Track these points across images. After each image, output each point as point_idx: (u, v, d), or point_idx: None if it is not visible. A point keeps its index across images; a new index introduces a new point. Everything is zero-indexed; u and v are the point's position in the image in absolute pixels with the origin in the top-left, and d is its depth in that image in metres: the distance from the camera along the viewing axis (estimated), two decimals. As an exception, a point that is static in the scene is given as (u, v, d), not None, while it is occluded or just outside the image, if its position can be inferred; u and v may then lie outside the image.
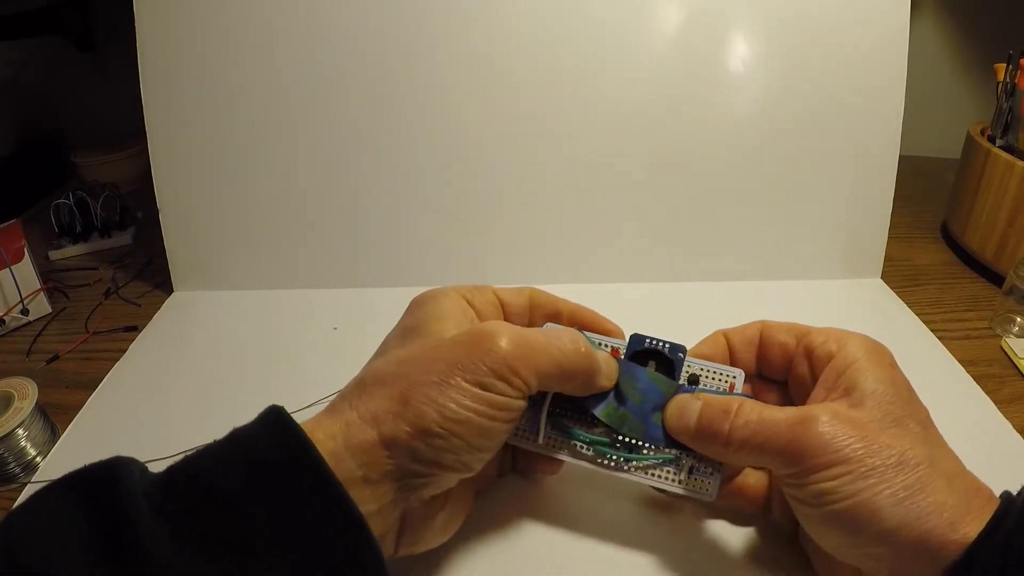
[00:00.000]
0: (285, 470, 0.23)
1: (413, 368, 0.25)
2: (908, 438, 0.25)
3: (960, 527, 0.23)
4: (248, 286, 0.54)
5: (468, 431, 0.25)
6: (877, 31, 0.51)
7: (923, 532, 0.23)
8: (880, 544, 0.23)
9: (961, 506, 0.23)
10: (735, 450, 0.27)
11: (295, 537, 0.22)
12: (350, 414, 0.25)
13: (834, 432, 0.24)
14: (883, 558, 0.24)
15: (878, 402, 0.26)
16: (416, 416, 0.24)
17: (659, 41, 0.51)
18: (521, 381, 0.26)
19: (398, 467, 0.24)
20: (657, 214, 0.53)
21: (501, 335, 0.26)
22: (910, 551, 0.23)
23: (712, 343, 0.32)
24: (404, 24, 0.51)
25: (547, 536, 0.32)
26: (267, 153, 0.52)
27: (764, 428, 0.26)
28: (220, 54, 0.51)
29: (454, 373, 0.25)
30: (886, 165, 0.52)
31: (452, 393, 0.24)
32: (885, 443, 0.24)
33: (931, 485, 0.23)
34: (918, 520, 0.23)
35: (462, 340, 0.26)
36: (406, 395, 0.24)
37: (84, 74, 0.84)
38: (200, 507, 0.22)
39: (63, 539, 0.21)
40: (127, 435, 0.40)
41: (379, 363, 0.27)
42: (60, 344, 0.50)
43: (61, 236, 0.64)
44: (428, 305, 0.30)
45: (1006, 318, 0.48)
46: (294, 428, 0.23)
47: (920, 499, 0.23)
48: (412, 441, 0.24)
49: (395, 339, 0.29)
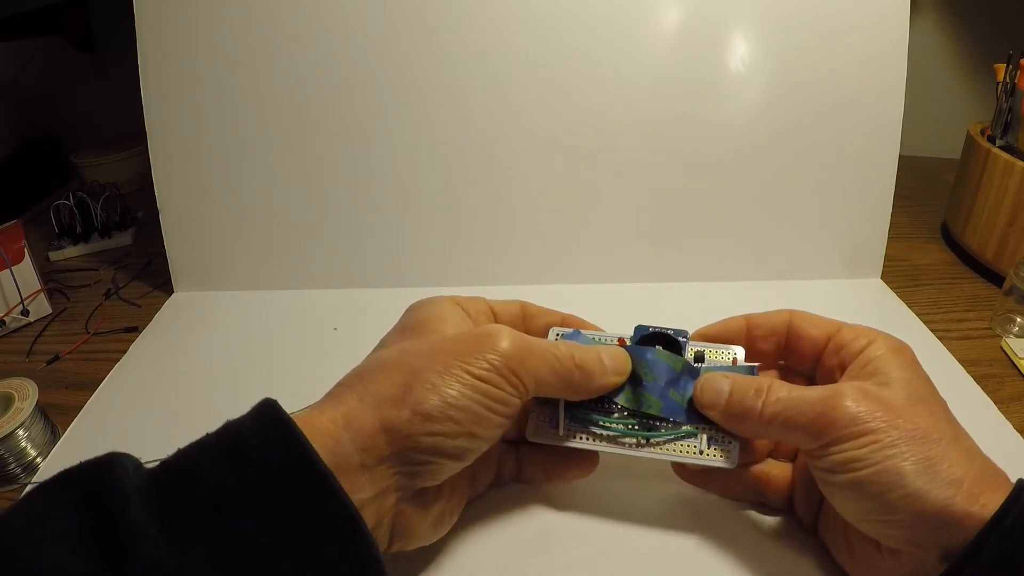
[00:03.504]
0: (278, 465, 0.23)
1: (416, 357, 0.26)
2: (931, 416, 0.26)
3: (979, 498, 0.23)
4: (248, 286, 0.54)
5: (467, 418, 0.26)
6: (877, 31, 0.51)
7: (944, 500, 0.23)
8: (902, 511, 0.24)
9: (980, 480, 0.24)
10: (765, 425, 0.27)
11: (289, 533, 0.22)
12: (351, 399, 0.25)
13: (861, 406, 0.25)
14: (903, 526, 0.24)
15: (903, 385, 0.27)
16: (417, 400, 0.25)
17: (659, 41, 0.51)
18: (519, 381, 0.27)
19: (397, 453, 0.25)
20: (656, 214, 0.53)
21: (503, 336, 0.27)
22: (930, 519, 0.24)
23: (725, 325, 0.33)
24: (404, 26, 0.51)
25: (562, 532, 0.32)
26: (267, 154, 0.52)
27: (794, 404, 0.27)
28: (220, 54, 0.51)
29: (456, 364, 0.26)
30: (886, 165, 0.52)
31: (453, 382, 0.25)
32: (910, 418, 0.25)
33: (952, 457, 0.24)
34: (940, 488, 0.24)
35: (465, 338, 0.27)
36: (409, 381, 0.25)
37: (84, 74, 0.84)
38: (193, 505, 0.22)
39: (57, 538, 0.21)
40: (127, 436, 0.40)
41: (382, 353, 0.28)
42: (60, 345, 0.50)
43: (61, 237, 0.64)
44: (427, 307, 0.31)
45: (1006, 318, 0.48)
46: (287, 422, 0.24)
47: (942, 468, 0.24)
48: (412, 426, 0.25)
49: (395, 336, 0.30)
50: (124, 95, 0.55)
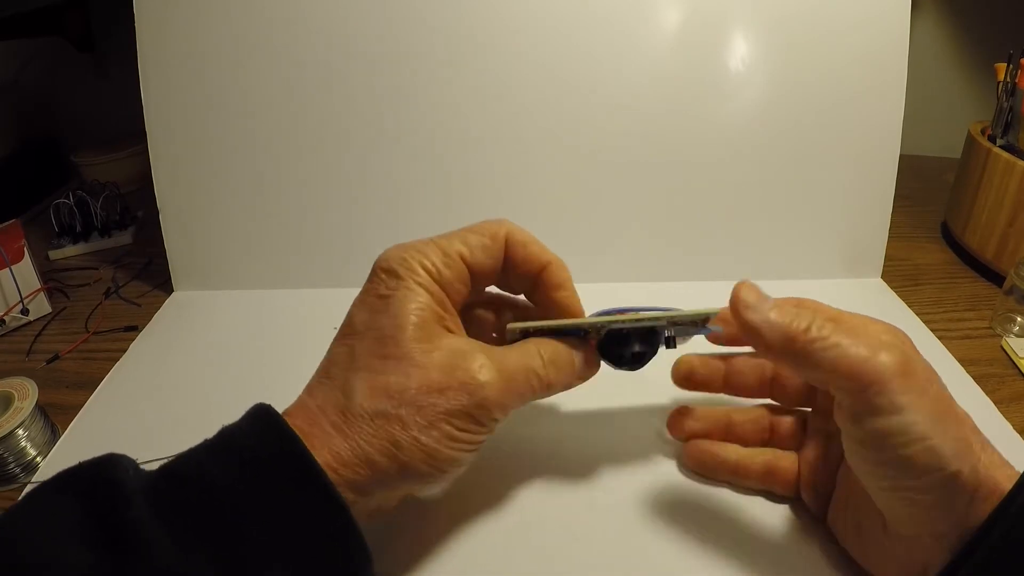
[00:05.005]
0: (276, 466, 0.24)
1: (403, 409, 0.26)
2: (936, 388, 0.26)
3: (997, 470, 0.24)
4: (248, 286, 0.54)
5: (447, 465, 0.27)
6: (878, 31, 0.51)
7: (966, 468, 0.24)
8: (924, 474, 0.24)
9: (992, 459, 0.25)
10: (814, 356, 0.26)
11: (283, 526, 0.23)
12: (339, 444, 0.25)
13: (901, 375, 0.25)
14: (922, 492, 0.25)
15: None
16: (408, 459, 0.26)
17: (659, 41, 0.51)
18: (498, 419, 0.28)
19: (379, 484, 0.26)
20: (656, 214, 0.53)
21: (482, 376, 0.27)
22: (948, 486, 0.24)
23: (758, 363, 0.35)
24: (404, 26, 0.51)
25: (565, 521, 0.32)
26: (267, 153, 0.52)
27: (845, 346, 0.26)
28: (220, 54, 0.51)
29: (441, 419, 0.26)
30: (886, 165, 0.52)
31: (442, 438, 0.26)
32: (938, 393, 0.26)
33: (971, 437, 0.25)
34: (960, 456, 0.24)
35: (446, 379, 0.26)
36: (398, 440, 0.25)
37: (84, 74, 0.84)
38: (197, 506, 0.23)
39: (60, 535, 0.21)
40: (127, 435, 0.40)
41: (364, 387, 0.26)
42: (60, 344, 0.50)
43: (61, 236, 0.64)
44: (397, 305, 0.28)
45: (1006, 318, 0.48)
46: (283, 426, 0.24)
47: (972, 446, 0.25)
48: (398, 477, 0.26)
49: (370, 343, 0.27)
50: (124, 95, 0.55)
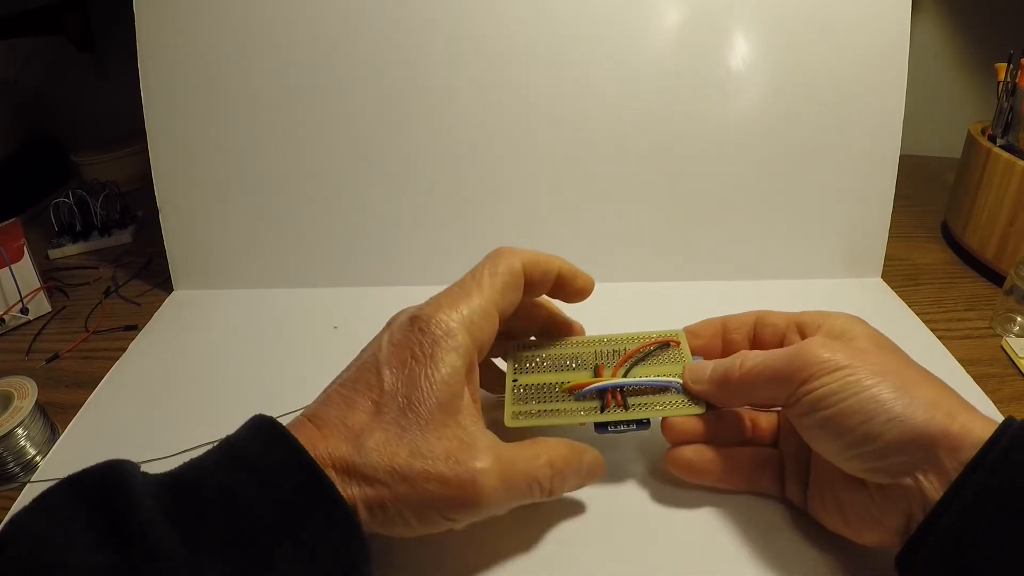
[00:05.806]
0: (281, 472, 0.24)
1: (406, 489, 0.26)
2: (897, 359, 0.28)
3: (957, 418, 0.25)
4: (248, 285, 0.54)
5: (432, 532, 0.27)
6: (878, 30, 0.51)
7: (924, 420, 0.25)
8: (883, 436, 0.25)
9: (955, 404, 0.26)
10: (746, 383, 0.30)
11: (290, 529, 0.23)
12: (348, 490, 0.25)
13: (829, 347, 0.28)
14: (888, 453, 0.25)
15: (867, 339, 0.30)
16: (393, 524, 0.26)
17: (659, 40, 0.51)
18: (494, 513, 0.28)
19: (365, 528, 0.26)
20: (656, 214, 0.53)
21: (483, 479, 0.26)
22: (913, 440, 0.25)
23: (706, 324, 0.36)
24: (404, 25, 0.51)
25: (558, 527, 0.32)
26: (267, 152, 0.52)
27: (769, 357, 0.29)
28: (220, 54, 0.51)
29: (437, 515, 0.26)
30: (886, 165, 0.52)
31: (434, 521, 0.27)
32: (878, 359, 0.27)
33: (923, 386, 0.26)
34: (918, 409, 0.25)
35: (449, 471, 0.26)
36: (398, 507, 0.26)
37: (84, 74, 0.84)
38: (208, 510, 0.23)
39: (74, 537, 0.21)
40: (127, 435, 0.40)
41: (375, 456, 0.26)
42: (60, 343, 0.50)
43: (61, 235, 0.64)
44: (430, 373, 0.27)
45: (1006, 318, 0.48)
46: (286, 436, 0.25)
47: (917, 394, 0.26)
48: (382, 532, 0.26)
49: (395, 412, 0.27)
50: (124, 95, 0.55)
